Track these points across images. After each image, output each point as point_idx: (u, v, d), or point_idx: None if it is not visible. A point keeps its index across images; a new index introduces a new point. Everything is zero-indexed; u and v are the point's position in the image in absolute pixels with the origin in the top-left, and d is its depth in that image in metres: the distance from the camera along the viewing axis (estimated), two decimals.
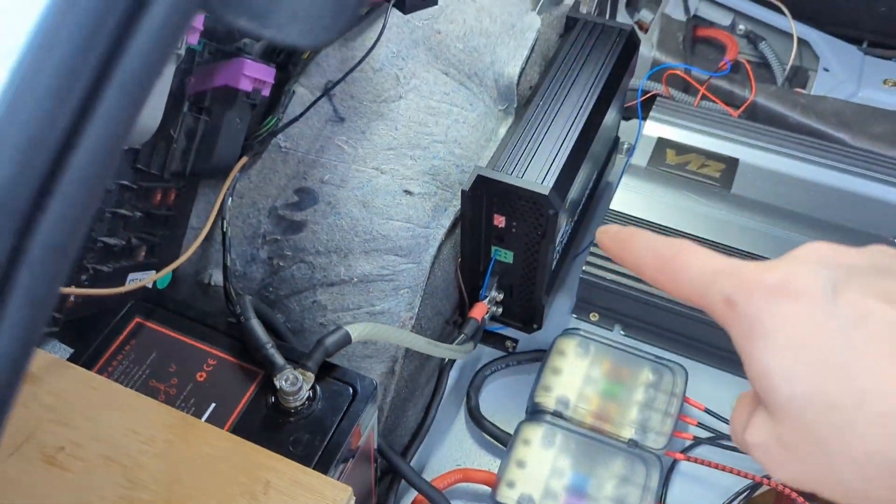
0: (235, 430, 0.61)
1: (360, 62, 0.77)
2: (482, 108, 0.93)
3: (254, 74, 0.70)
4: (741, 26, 1.42)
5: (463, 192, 0.82)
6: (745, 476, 0.86)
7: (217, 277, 0.82)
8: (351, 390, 0.65)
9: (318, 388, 0.64)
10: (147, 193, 0.71)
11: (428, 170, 0.86)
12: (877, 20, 1.42)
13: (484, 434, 0.92)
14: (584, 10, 1.09)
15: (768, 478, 0.87)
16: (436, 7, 0.89)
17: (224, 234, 0.78)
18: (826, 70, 1.31)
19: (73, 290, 0.60)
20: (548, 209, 0.81)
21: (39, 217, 0.24)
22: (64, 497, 0.53)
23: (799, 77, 1.39)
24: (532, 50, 0.95)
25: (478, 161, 0.91)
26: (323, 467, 0.60)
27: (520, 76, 0.94)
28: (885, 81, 1.30)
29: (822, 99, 1.25)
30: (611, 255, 0.38)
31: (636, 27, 1.43)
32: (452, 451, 0.92)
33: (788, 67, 1.35)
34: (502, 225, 0.86)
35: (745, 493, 0.87)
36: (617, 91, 0.97)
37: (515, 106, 0.96)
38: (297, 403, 0.62)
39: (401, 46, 0.87)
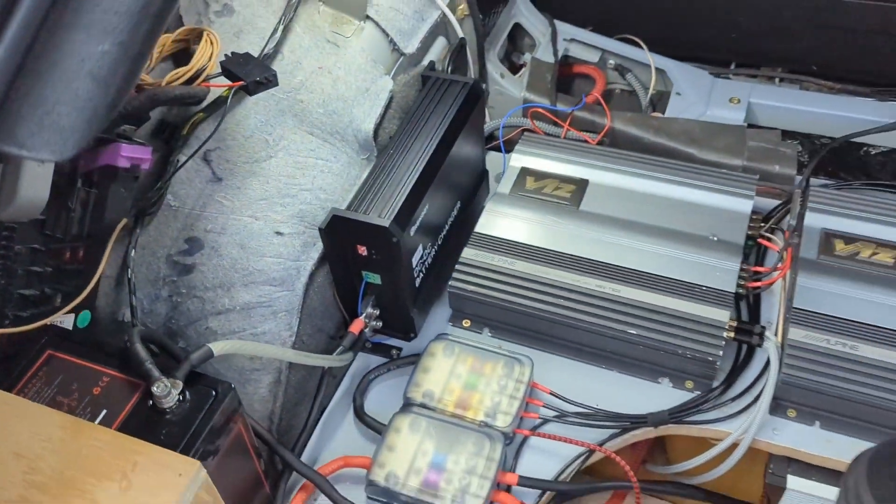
0: (121, 428, 0.80)
1: (212, 134, 0.96)
2: (345, 159, 1.12)
3: (130, 154, 0.90)
4: (611, 61, 1.61)
5: (320, 229, 1.01)
6: (582, 445, 1.03)
7: (129, 315, 1.02)
8: (214, 393, 0.83)
9: (187, 392, 0.82)
10: (56, 252, 0.90)
11: (296, 213, 1.05)
12: (730, 45, 1.61)
13: (368, 428, 1.10)
14: (439, 67, 1.28)
15: (600, 445, 1.04)
16: (297, 80, 1.09)
17: (129, 280, 0.98)
18: (678, 94, 1.50)
19: None
20: (390, 238, 1.00)
21: None
22: None
23: (663, 101, 1.58)
24: (387, 107, 1.15)
25: (342, 203, 1.10)
26: (186, 451, 0.78)
27: (376, 130, 1.13)
28: (731, 100, 1.49)
29: (673, 120, 1.44)
30: None
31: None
32: (341, 445, 1.10)
33: (651, 93, 1.54)
34: (365, 253, 1.05)
35: (582, 458, 1.04)
36: (463, 132, 1.16)
37: (376, 154, 1.15)
38: (169, 405, 0.81)
39: (268, 115, 1.07)
